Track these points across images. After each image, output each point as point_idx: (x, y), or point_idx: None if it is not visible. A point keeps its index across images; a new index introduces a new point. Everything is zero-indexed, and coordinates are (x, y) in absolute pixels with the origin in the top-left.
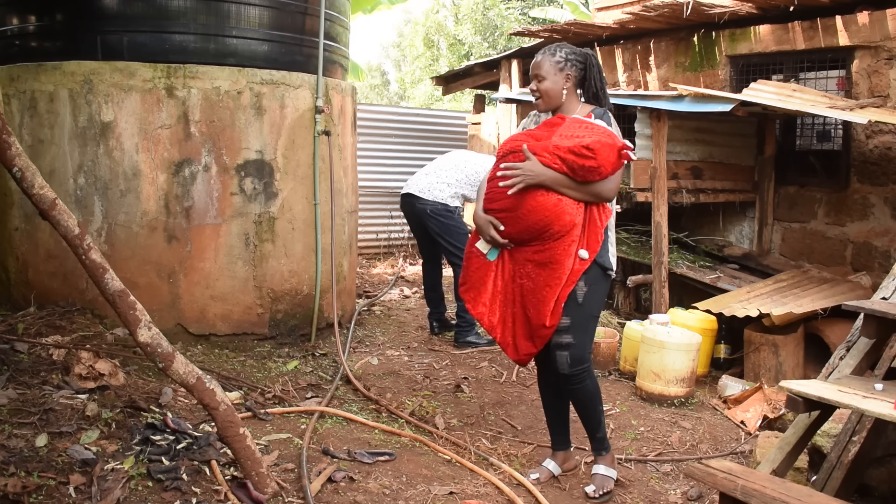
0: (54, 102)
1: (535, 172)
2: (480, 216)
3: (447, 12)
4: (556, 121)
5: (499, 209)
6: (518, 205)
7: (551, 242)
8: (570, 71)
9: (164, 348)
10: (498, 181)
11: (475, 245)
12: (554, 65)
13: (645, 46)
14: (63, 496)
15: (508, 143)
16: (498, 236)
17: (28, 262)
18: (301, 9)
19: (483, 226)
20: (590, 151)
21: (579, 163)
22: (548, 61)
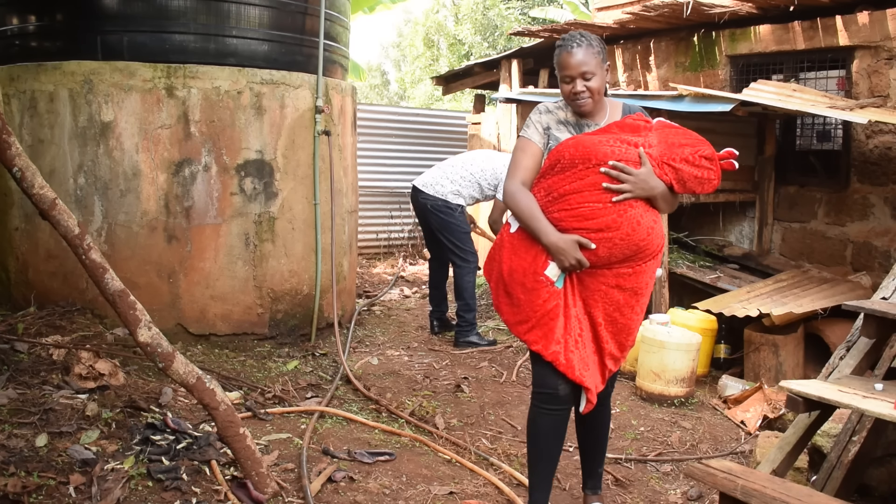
0: (54, 102)
1: (651, 184)
2: (562, 238)
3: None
4: (633, 123)
5: (595, 228)
6: (620, 223)
7: (641, 265)
8: (605, 61)
9: (164, 348)
10: (591, 193)
11: (545, 273)
12: (596, 57)
13: (645, 46)
14: (63, 496)
15: (579, 149)
16: (585, 260)
17: (28, 261)
18: (301, 9)
19: (567, 248)
20: (709, 162)
21: (695, 174)
22: (591, 54)
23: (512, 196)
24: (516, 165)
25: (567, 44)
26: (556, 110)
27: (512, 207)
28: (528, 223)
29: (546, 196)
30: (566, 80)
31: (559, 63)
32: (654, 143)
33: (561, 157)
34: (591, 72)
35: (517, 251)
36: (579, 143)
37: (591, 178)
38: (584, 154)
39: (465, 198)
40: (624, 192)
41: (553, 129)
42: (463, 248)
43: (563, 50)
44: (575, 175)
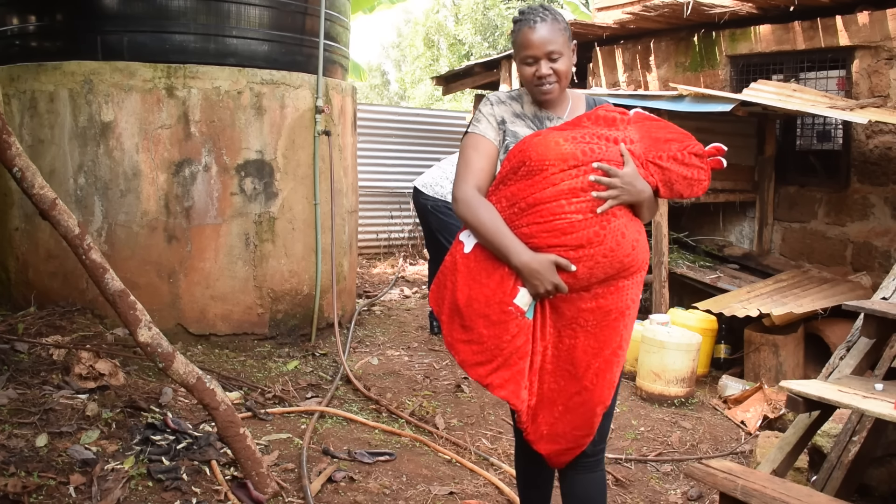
0: (54, 102)
1: (638, 187)
2: (536, 258)
3: (447, 12)
4: (607, 115)
5: (574, 244)
6: (603, 236)
7: (623, 282)
8: (572, 41)
9: (165, 348)
10: (568, 202)
11: (514, 302)
12: (563, 34)
13: (645, 46)
14: (63, 496)
15: (550, 147)
16: (564, 283)
17: (28, 262)
18: (301, 9)
19: (543, 271)
20: (699, 160)
21: (684, 174)
22: (557, 31)
23: (466, 205)
24: (467, 167)
25: (528, 18)
26: (509, 101)
27: (468, 220)
28: (491, 240)
29: (510, 206)
30: (528, 62)
31: (520, 42)
32: (636, 139)
33: (526, 157)
34: (557, 51)
35: (476, 276)
36: (548, 140)
37: (568, 184)
38: (556, 154)
39: None
40: (609, 198)
41: (509, 124)
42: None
43: (523, 25)
44: (546, 180)
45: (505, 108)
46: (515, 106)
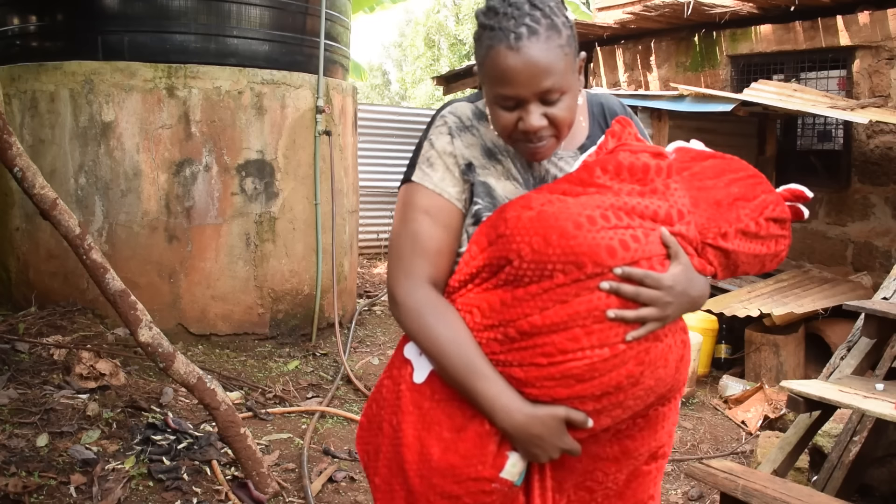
0: (55, 102)
1: (691, 296)
2: (537, 417)
3: (448, 12)
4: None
5: (598, 392)
6: (640, 374)
7: (659, 409)
8: (578, 53)
9: (165, 348)
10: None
11: (500, 476)
12: (564, 53)
13: (646, 46)
14: (64, 496)
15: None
16: (577, 445)
17: (29, 262)
18: (302, 9)
19: (547, 436)
20: (780, 227)
21: (756, 253)
22: (555, 49)
23: (415, 315)
24: (414, 245)
25: (506, 28)
26: (476, 125)
27: (418, 339)
28: (460, 379)
29: (489, 328)
30: (506, 105)
31: (491, 68)
32: (684, 203)
33: (515, 251)
34: (557, 88)
35: (435, 425)
36: (549, 222)
37: (585, 302)
38: (565, 251)
39: None
40: (648, 321)
41: (478, 170)
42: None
43: (497, 41)
44: (551, 294)
45: (470, 138)
46: (486, 133)
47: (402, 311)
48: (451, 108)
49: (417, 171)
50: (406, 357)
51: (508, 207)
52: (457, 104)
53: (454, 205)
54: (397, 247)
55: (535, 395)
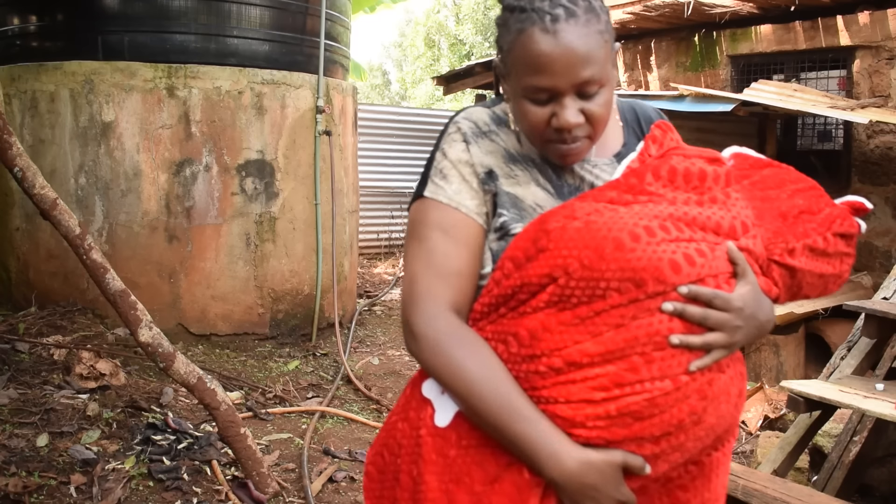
0: (55, 102)
1: (761, 320)
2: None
3: (448, 12)
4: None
5: (659, 433)
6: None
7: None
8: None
9: (165, 348)
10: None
11: None
12: (604, 40)
13: (646, 46)
14: (64, 496)
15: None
16: (632, 496)
17: (29, 262)
18: (302, 9)
19: (603, 486)
20: (848, 243)
21: (821, 273)
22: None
23: (435, 346)
24: (430, 269)
25: (541, 9)
26: (496, 129)
27: (441, 374)
28: (494, 420)
29: (526, 359)
30: (538, 98)
31: (522, 55)
32: (747, 215)
33: (560, 266)
34: (596, 79)
35: (465, 479)
36: (600, 233)
37: (645, 326)
38: (621, 266)
39: None
40: (714, 348)
41: (502, 180)
42: None
43: (530, 23)
44: (608, 317)
45: (489, 144)
46: (508, 140)
47: (421, 342)
48: (465, 113)
49: (429, 185)
50: (425, 396)
51: (549, 218)
52: (472, 109)
53: (473, 219)
54: (411, 271)
55: (587, 438)
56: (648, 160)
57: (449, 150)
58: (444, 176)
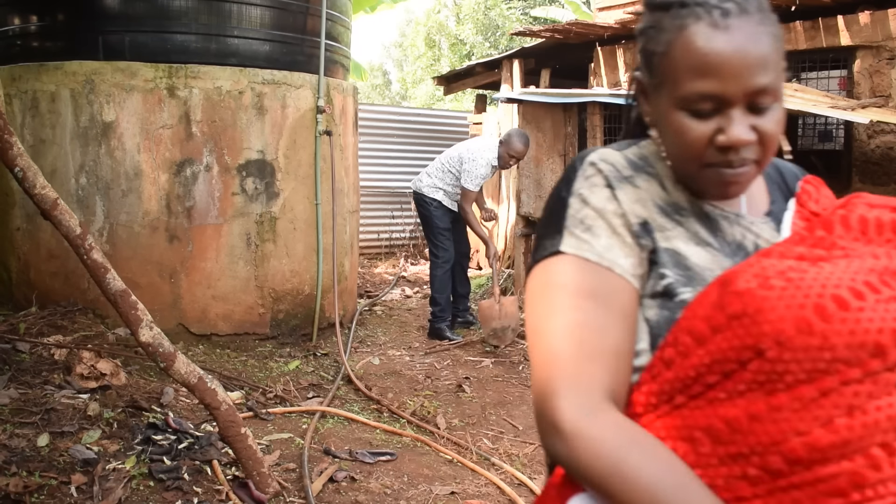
0: (56, 102)
1: None
2: None
3: (449, 12)
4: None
5: None
6: None
7: None
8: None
9: (166, 348)
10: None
11: None
12: (777, 46)
13: None
14: (65, 496)
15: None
16: None
17: (30, 262)
18: (302, 9)
19: None
20: None
21: None
22: (770, 38)
23: (602, 449)
24: (582, 346)
25: (704, 4)
26: (634, 174)
27: (610, 487)
28: None
29: (738, 458)
30: (700, 110)
31: (684, 60)
32: None
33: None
34: (771, 88)
35: None
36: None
37: (886, 408)
38: (852, 331)
39: (442, 190)
40: None
41: (657, 231)
42: (434, 243)
43: (691, 21)
44: (840, 398)
45: (634, 192)
46: (650, 187)
47: (576, 443)
48: (598, 154)
49: (568, 238)
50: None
51: (733, 278)
52: (602, 151)
53: (629, 282)
54: (550, 350)
55: None
56: (824, 213)
57: (590, 195)
58: (589, 228)
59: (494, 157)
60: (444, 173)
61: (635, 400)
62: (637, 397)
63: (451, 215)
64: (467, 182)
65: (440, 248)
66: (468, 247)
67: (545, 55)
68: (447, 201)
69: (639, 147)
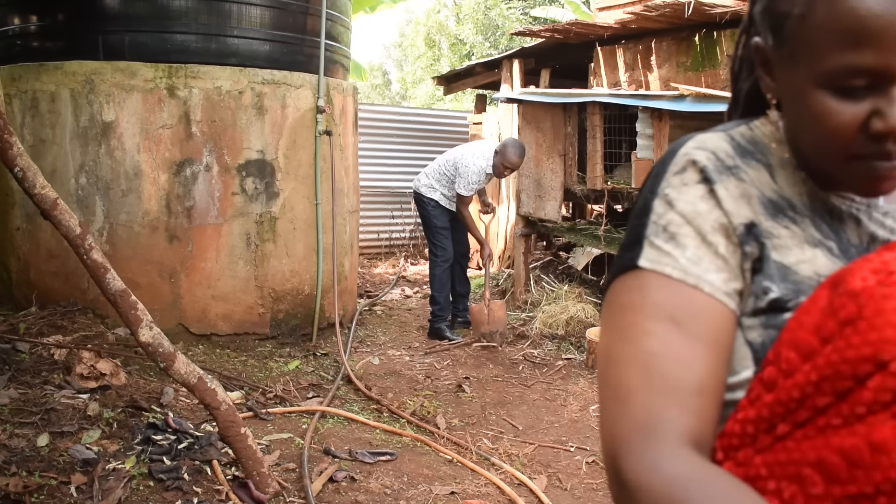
0: (56, 102)
1: None
2: None
3: (448, 12)
4: None
5: None
6: None
7: None
8: None
9: (166, 348)
10: None
11: None
12: None
13: (646, 46)
14: (65, 496)
15: None
16: None
17: (30, 261)
18: (302, 9)
19: None
20: None
21: None
22: None
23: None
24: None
25: None
26: (741, 163)
27: None
28: None
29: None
30: (849, 88)
31: (831, 23)
32: None
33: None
34: None
35: None
36: None
37: None
38: None
39: (439, 191)
40: None
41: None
42: (433, 242)
43: None
44: None
45: (738, 186)
46: (758, 177)
47: (642, 497)
48: (696, 141)
49: (647, 249)
50: None
51: (847, 277)
52: (703, 137)
53: (721, 303)
54: (617, 385)
55: None
56: None
57: (678, 196)
58: (673, 236)
59: (489, 165)
60: (440, 175)
61: (730, 430)
62: (732, 426)
63: (450, 214)
64: (461, 188)
65: (438, 247)
66: (467, 247)
67: (545, 55)
68: (444, 201)
69: (750, 128)
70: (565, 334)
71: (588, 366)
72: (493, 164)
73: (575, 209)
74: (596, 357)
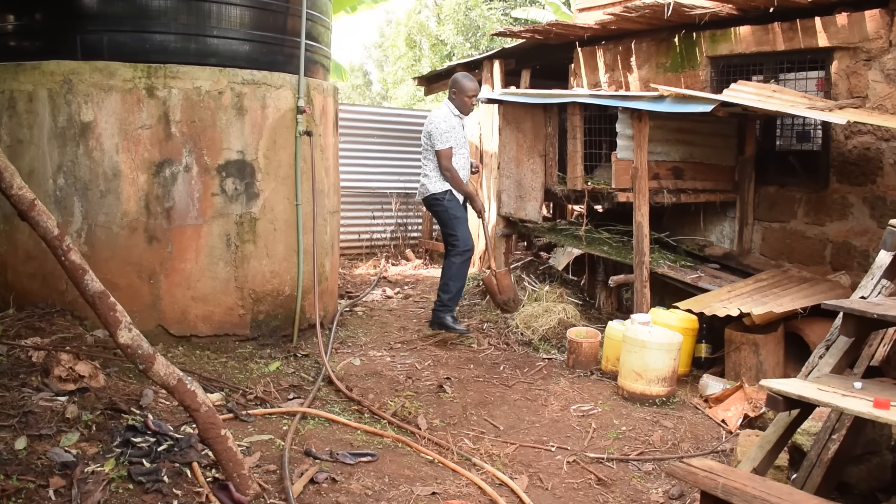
0: (33, 102)
1: None
2: None
3: (429, 13)
4: None
5: None
6: None
7: None
8: None
9: (145, 350)
10: None
11: None
12: None
13: (626, 47)
14: (42, 499)
15: None
16: None
17: (7, 263)
18: (282, 9)
19: None
20: None
21: None
22: None
23: None
24: None
25: None
26: None
27: None
28: None
29: None
30: None
31: None
32: None
33: None
34: None
35: None
36: None
37: None
38: None
39: (439, 178)
40: None
41: None
42: (453, 234)
43: None
44: None
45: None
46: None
47: None
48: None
49: None
50: None
51: None
52: None
53: None
54: None
55: None
56: None
57: None
58: None
59: (450, 108)
60: (430, 162)
61: None
62: None
63: (463, 204)
64: (437, 143)
65: (459, 238)
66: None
67: (526, 56)
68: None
69: None
70: (546, 334)
71: (569, 366)
72: (455, 104)
73: (555, 209)
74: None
